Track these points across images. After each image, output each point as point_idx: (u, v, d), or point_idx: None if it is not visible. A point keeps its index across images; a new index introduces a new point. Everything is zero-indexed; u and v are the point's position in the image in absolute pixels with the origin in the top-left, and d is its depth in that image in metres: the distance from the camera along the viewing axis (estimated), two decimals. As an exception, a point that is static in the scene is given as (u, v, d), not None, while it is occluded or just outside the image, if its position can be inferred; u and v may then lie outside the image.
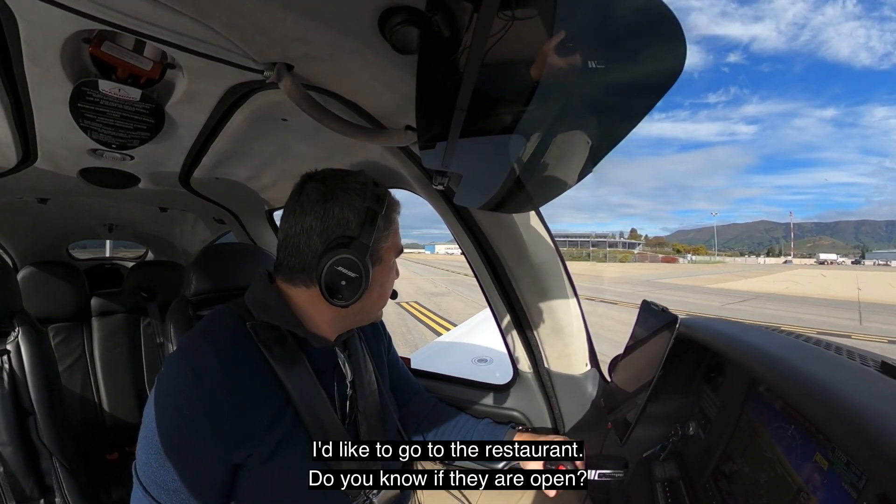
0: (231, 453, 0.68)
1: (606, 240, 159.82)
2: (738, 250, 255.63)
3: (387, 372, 1.01)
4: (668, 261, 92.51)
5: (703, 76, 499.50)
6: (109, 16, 0.55)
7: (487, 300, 1.15)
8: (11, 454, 1.06)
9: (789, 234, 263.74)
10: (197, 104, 0.82)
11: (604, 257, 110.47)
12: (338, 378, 0.83)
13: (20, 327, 1.15)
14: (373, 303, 0.81)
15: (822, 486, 0.54)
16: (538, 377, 1.15)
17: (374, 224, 0.75)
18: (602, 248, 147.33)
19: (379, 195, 0.77)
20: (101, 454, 1.82)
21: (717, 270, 50.62)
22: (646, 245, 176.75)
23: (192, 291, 1.21)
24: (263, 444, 0.69)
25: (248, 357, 0.72)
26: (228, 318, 0.77)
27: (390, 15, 0.50)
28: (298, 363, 0.75)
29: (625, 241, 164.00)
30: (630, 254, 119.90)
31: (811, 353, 0.70)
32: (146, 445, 0.66)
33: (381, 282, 0.80)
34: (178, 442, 0.65)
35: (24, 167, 1.11)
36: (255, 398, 0.70)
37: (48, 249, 1.99)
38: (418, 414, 1.07)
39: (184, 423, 0.65)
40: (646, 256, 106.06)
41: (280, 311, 0.76)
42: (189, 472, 0.65)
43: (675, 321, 0.80)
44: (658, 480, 0.85)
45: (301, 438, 0.74)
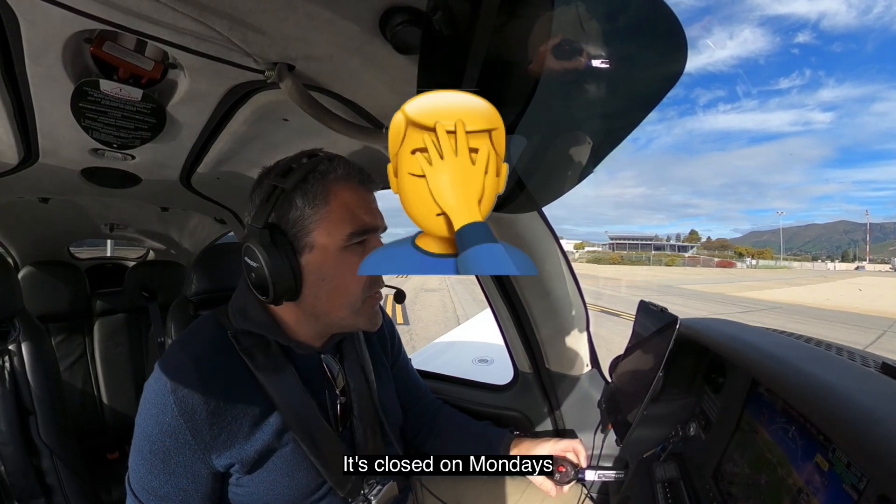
0: (213, 461, 0.66)
1: (652, 242, 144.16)
2: (811, 254, 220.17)
3: (390, 377, 0.97)
4: (724, 265, 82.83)
5: (770, 61, 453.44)
6: (111, 15, 0.55)
7: (488, 300, 1.14)
8: (12, 453, 1.07)
9: (867, 236, 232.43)
10: (198, 104, 0.82)
11: (647, 260, 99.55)
12: (328, 384, 0.79)
13: (21, 326, 1.15)
14: (325, 301, 0.69)
15: (823, 487, 0.54)
16: (538, 377, 1.15)
17: (286, 201, 0.65)
18: (647, 250, 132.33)
19: (292, 168, 0.66)
20: (102, 453, 1.83)
21: (768, 276, 47.57)
22: (705, 248, 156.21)
23: (193, 291, 1.21)
24: (245, 454, 0.67)
25: (228, 365, 0.69)
26: (210, 326, 0.74)
27: (391, 15, 0.50)
28: (283, 370, 0.72)
29: (673, 244, 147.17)
30: (679, 257, 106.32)
31: (812, 353, 0.70)
32: (135, 452, 0.67)
33: (324, 276, 0.67)
34: (163, 450, 0.64)
35: (26, 167, 1.11)
36: (234, 406, 0.67)
37: (49, 249, 1.99)
38: (422, 418, 1.07)
39: (165, 432, 0.64)
40: (697, 260, 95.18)
41: (258, 319, 0.72)
42: (176, 478, 0.65)
43: (676, 322, 0.80)
44: (658, 481, 0.85)
45: (290, 446, 0.71)
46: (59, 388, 1.19)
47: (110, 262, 2.33)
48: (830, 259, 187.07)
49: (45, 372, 1.14)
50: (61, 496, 1.12)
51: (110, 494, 1.60)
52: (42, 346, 1.17)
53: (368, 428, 0.82)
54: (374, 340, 0.96)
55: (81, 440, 1.28)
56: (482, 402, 1.25)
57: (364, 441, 0.81)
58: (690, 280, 34.33)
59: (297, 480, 0.71)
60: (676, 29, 0.41)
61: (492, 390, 1.28)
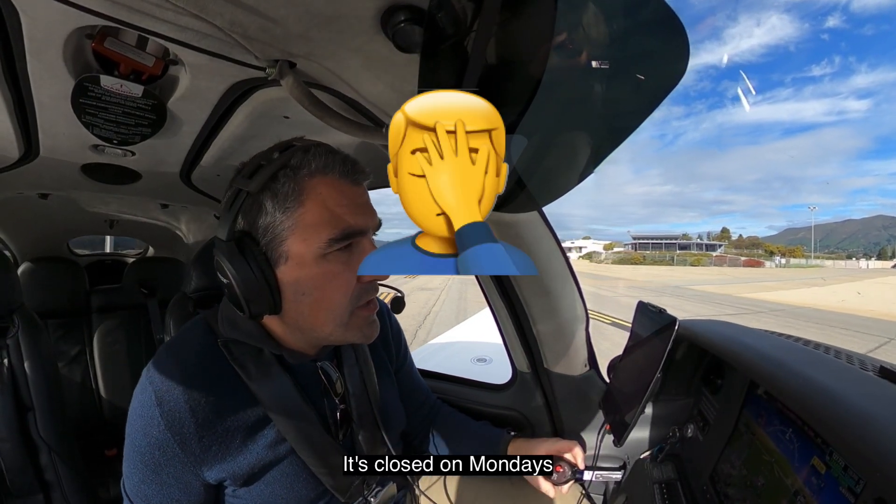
0: (205, 474, 0.63)
1: (677, 241, 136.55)
2: (846, 252, 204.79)
3: (394, 380, 0.94)
4: (751, 264, 79.03)
5: (800, 47, 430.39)
6: (112, 11, 0.55)
7: (487, 299, 1.14)
8: (10, 450, 1.06)
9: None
10: (199, 101, 0.82)
11: (671, 260, 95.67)
12: (327, 392, 0.76)
13: (20, 322, 1.15)
14: (308, 316, 0.63)
15: (820, 489, 0.54)
16: (537, 377, 1.15)
17: (255, 204, 0.58)
18: (672, 250, 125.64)
19: (260, 166, 0.58)
20: (100, 450, 1.82)
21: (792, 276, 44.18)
22: (735, 246, 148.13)
23: (193, 288, 1.21)
24: (238, 467, 0.64)
25: (218, 375, 0.65)
26: (200, 332, 0.70)
27: (393, 13, 0.50)
28: (278, 380, 0.68)
29: (699, 243, 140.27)
30: (706, 257, 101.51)
31: (810, 356, 0.70)
32: (127, 460, 0.64)
33: (305, 287, 0.60)
34: (153, 462, 0.62)
35: (26, 162, 1.11)
36: (224, 419, 0.64)
37: (49, 245, 1.99)
38: (423, 420, 1.06)
39: (153, 445, 0.61)
40: (724, 260, 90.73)
41: (246, 329, 0.67)
42: (168, 489, 0.63)
43: (674, 323, 0.80)
44: (655, 482, 0.85)
45: (288, 459, 0.68)
46: (57, 384, 1.19)
47: (110, 259, 2.33)
48: (866, 256, 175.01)
49: (43, 368, 1.14)
50: (59, 492, 1.12)
51: (108, 491, 1.61)
52: (41, 342, 1.17)
53: (368, 434, 0.79)
54: (378, 345, 0.92)
55: (80, 436, 1.27)
56: (481, 401, 1.25)
57: (365, 446, 0.79)
58: (703, 280, 32.73)
59: (297, 492, 0.69)
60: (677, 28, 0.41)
61: (490, 390, 1.28)
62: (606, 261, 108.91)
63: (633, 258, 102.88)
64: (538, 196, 0.80)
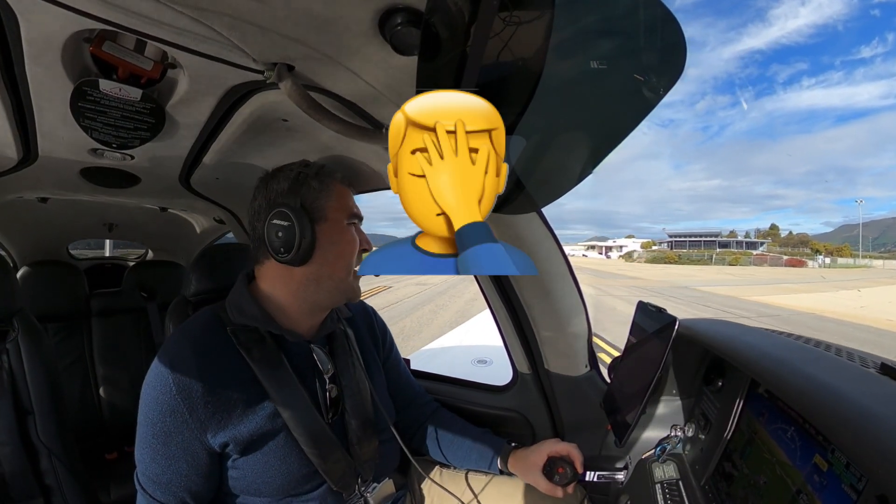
0: (209, 439, 0.71)
1: (717, 239, 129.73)
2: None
3: (382, 373, 1.00)
4: (793, 264, 74.64)
5: (848, 26, 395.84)
6: (111, 15, 0.55)
7: (487, 300, 1.14)
8: (10, 454, 1.06)
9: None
10: (197, 104, 0.82)
11: (709, 259, 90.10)
12: (318, 373, 0.84)
13: (20, 326, 1.15)
14: (330, 265, 0.80)
15: (822, 487, 0.54)
16: (537, 378, 1.15)
17: (306, 184, 0.79)
18: (712, 248, 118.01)
19: (308, 163, 0.84)
20: (101, 453, 1.82)
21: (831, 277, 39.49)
22: (781, 244, 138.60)
23: (192, 291, 1.21)
24: (239, 433, 0.72)
25: (224, 353, 0.76)
26: (209, 317, 0.80)
27: (390, 15, 0.50)
28: (278, 363, 0.78)
29: (741, 240, 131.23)
30: (746, 255, 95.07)
31: (811, 354, 0.70)
32: (139, 442, 0.72)
33: (334, 240, 0.80)
34: (164, 432, 0.70)
35: (25, 166, 1.11)
36: (228, 390, 0.73)
37: (48, 249, 1.99)
38: (419, 418, 1.07)
39: (164, 412, 0.69)
40: (765, 259, 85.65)
41: (252, 313, 0.79)
42: (176, 463, 0.70)
43: (674, 322, 0.80)
44: (657, 482, 0.85)
45: (283, 433, 0.76)
46: (57, 388, 1.19)
47: (109, 262, 2.32)
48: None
49: (43, 372, 1.14)
50: (60, 497, 1.12)
51: (109, 495, 1.60)
52: (41, 346, 1.16)
53: (360, 422, 0.86)
54: (366, 338, 1.00)
55: (80, 440, 1.27)
56: (481, 402, 1.25)
57: (356, 434, 0.84)
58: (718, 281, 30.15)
59: (290, 465, 0.76)
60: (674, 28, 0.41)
61: (491, 391, 1.27)
62: (639, 259, 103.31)
63: (668, 256, 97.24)
64: (538, 196, 0.80)
